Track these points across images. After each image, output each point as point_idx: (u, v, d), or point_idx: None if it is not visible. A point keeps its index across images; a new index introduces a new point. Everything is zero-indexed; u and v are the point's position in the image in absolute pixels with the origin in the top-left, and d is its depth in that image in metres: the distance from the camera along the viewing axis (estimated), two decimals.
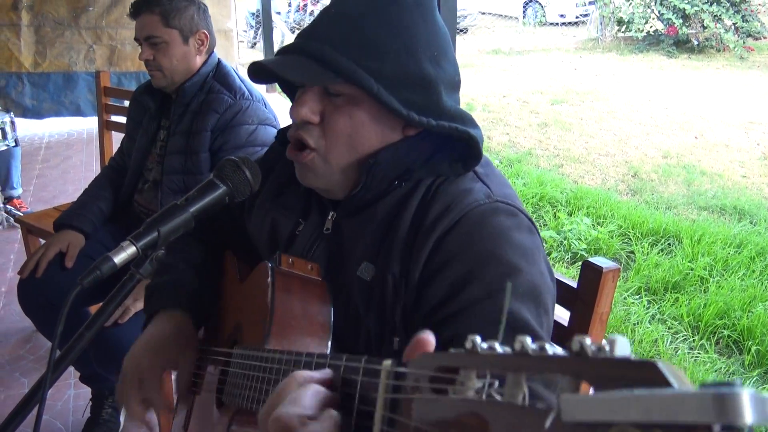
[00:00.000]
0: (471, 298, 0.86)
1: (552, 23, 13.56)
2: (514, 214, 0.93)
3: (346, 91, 0.91)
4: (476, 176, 0.97)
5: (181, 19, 1.95)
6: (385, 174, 0.95)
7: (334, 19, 0.92)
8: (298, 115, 0.94)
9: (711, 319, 3.15)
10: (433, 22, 0.94)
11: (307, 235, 1.04)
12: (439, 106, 0.93)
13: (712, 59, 10.41)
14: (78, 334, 0.78)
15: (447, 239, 0.90)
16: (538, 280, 0.90)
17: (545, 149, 6.06)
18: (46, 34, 6.02)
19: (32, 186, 4.74)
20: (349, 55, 0.88)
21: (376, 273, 0.95)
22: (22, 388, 2.54)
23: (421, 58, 0.91)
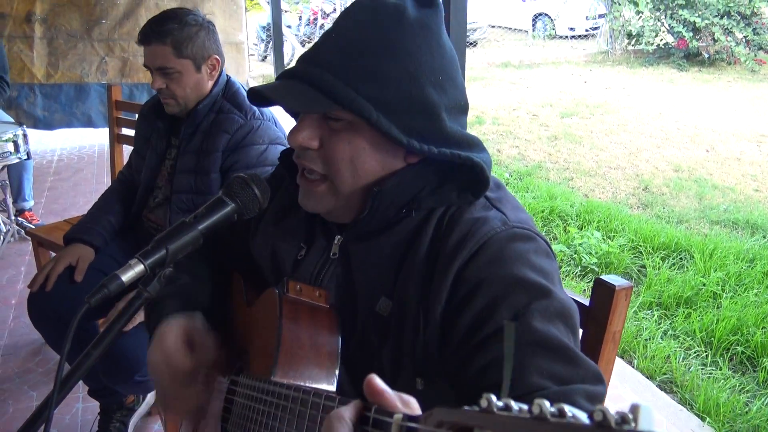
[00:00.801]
0: (499, 324, 0.85)
1: (561, 36, 13.57)
2: (531, 239, 0.93)
3: (346, 117, 0.90)
4: (489, 203, 0.95)
5: (194, 47, 1.91)
6: (391, 202, 0.94)
7: (335, 43, 0.91)
8: (296, 142, 0.92)
9: (724, 335, 3.11)
10: (438, 45, 0.92)
11: (314, 260, 1.03)
12: (442, 132, 0.91)
13: (723, 72, 10.38)
14: (85, 352, 0.78)
15: (468, 270, 0.88)
16: (563, 300, 0.89)
17: (555, 162, 6.04)
18: (58, 46, 6.09)
19: (44, 198, 4.78)
20: (349, 82, 0.87)
21: (393, 308, 0.93)
22: (31, 402, 2.54)
23: (424, 84, 0.89)
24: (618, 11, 11.42)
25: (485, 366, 0.84)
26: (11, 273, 3.59)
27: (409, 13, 0.89)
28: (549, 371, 0.81)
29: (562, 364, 0.82)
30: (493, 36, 13.81)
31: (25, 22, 5.93)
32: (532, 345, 0.83)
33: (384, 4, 0.90)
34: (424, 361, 0.92)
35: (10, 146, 3.56)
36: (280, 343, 0.86)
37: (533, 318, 0.84)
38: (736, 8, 10.33)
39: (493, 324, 0.85)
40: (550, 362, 0.82)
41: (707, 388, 2.73)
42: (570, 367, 0.83)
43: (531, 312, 0.85)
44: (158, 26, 1.88)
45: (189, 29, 1.90)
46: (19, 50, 5.91)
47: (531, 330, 0.84)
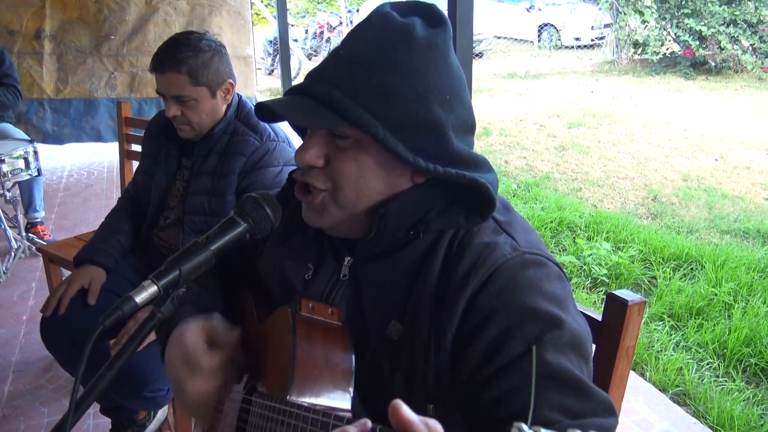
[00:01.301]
0: (512, 355, 0.84)
1: (567, 46, 13.59)
2: (543, 264, 0.92)
3: (353, 135, 0.89)
4: (499, 227, 0.95)
5: (209, 74, 1.89)
6: (397, 224, 0.93)
7: (342, 61, 0.90)
8: (303, 160, 0.92)
9: (737, 346, 3.09)
10: (446, 64, 0.91)
11: (324, 280, 1.02)
12: (449, 151, 0.90)
13: (730, 80, 10.36)
14: (99, 373, 0.78)
15: (479, 298, 0.88)
16: (575, 328, 0.88)
17: (563, 173, 6.03)
18: (68, 61, 6.15)
19: (54, 214, 4.81)
20: (356, 99, 0.87)
21: (403, 333, 0.93)
22: (42, 418, 2.54)
23: (432, 103, 0.88)
24: (623, 21, 11.43)
25: (498, 398, 0.84)
26: (22, 289, 3.61)
27: (418, 32, 0.89)
28: (561, 405, 0.81)
29: (575, 397, 0.82)
30: (498, 47, 13.85)
31: (34, 39, 6.00)
32: (544, 378, 0.82)
33: (392, 23, 0.90)
34: (435, 387, 0.92)
35: (21, 163, 3.60)
36: (295, 363, 0.86)
37: (545, 350, 0.84)
38: (742, 16, 10.32)
39: (505, 355, 0.85)
40: (563, 396, 0.82)
41: (721, 400, 2.70)
42: (582, 401, 0.82)
43: (543, 344, 0.84)
44: (173, 54, 1.85)
45: (203, 56, 1.88)
46: (28, 66, 5.97)
47: (543, 363, 0.83)
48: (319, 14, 14.24)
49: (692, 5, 10.56)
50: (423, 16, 0.92)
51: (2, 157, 3.48)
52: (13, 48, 5.80)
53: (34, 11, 5.99)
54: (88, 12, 6.15)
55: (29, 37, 5.98)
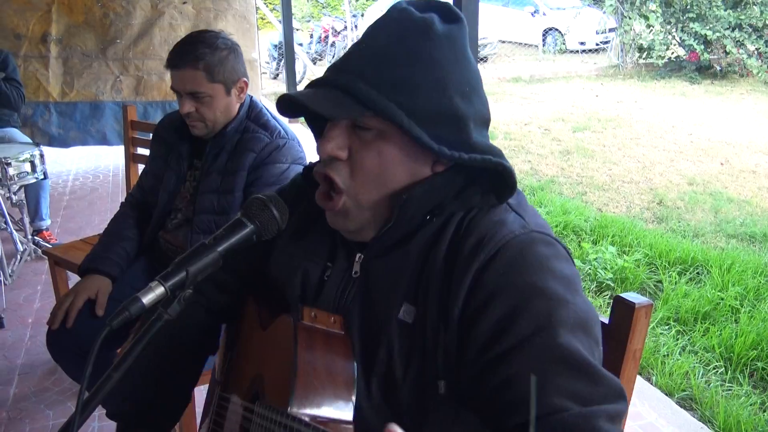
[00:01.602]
0: (520, 336, 0.84)
1: (572, 51, 13.59)
2: (551, 244, 0.92)
3: (376, 126, 0.90)
4: (509, 207, 0.95)
5: (225, 71, 1.90)
6: (417, 210, 0.93)
7: (365, 53, 0.92)
8: (325, 151, 0.92)
9: (744, 350, 3.07)
10: (464, 58, 0.93)
11: (337, 280, 1.02)
12: (469, 142, 0.92)
13: (736, 85, 10.33)
14: (105, 375, 0.78)
15: (486, 274, 0.87)
16: (584, 309, 0.88)
17: (568, 177, 6.02)
18: (74, 65, 6.18)
19: (59, 218, 4.82)
20: (380, 89, 0.88)
21: (417, 314, 0.92)
22: (47, 420, 2.54)
23: (453, 94, 0.90)
24: (628, 25, 11.42)
25: (505, 381, 0.84)
26: (28, 292, 3.61)
27: (437, 26, 0.91)
28: (570, 391, 0.80)
29: (585, 382, 0.81)
30: (503, 51, 13.85)
31: (40, 43, 6.04)
32: (553, 362, 0.82)
33: (412, 18, 0.91)
34: (445, 364, 0.91)
35: (27, 166, 3.61)
36: (296, 373, 0.86)
37: (554, 330, 0.83)
38: (747, 20, 10.30)
39: (512, 336, 0.84)
40: (572, 380, 0.81)
41: (728, 405, 2.69)
42: (592, 386, 0.81)
43: (551, 323, 0.84)
44: (190, 51, 1.86)
45: (220, 53, 1.89)
46: (34, 69, 6.00)
47: (552, 345, 0.83)
48: (324, 19, 14.26)
49: (697, 9, 10.55)
50: (439, 13, 0.94)
51: (9, 160, 3.49)
52: (19, 51, 5.84)
53: (40, 15, 6.03)
54: (94, 16, 6.18)
55: (35, 40, 6.02)
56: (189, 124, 1.97)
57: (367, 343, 0.96)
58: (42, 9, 6.02)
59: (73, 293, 2.00)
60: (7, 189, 3.63)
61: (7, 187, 3.58)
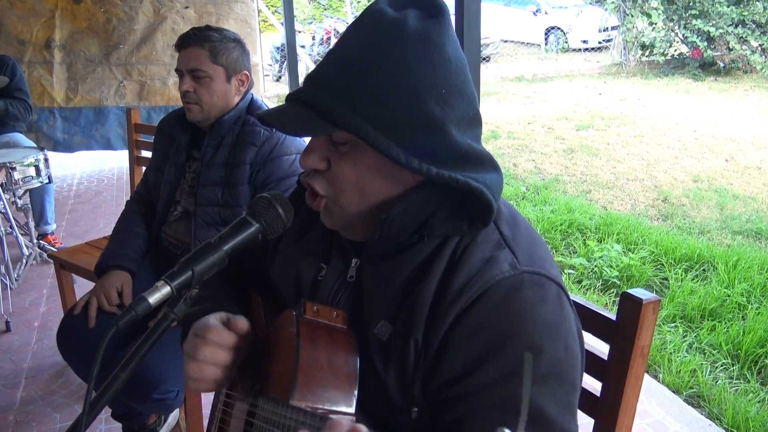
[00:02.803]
0: (485, 380, 0.83)
1: (575, 49, 13.57)
2: (540, 285, 0.88)
3: (348, 139, 0.89)
4: (503, 240, 0.91)
5: (228, 57, 1.97)
6: (401, 228, 0.92)
7: (334, 63, 0.89)
8: (305, 163, 0.93)
9: (751, 347, 3.06)
10: (441, 57, 0.87)
11: (331, 282, 1.02)
12: (448, 147, 0.88)
13: (740, 81, 10.30)
14: (113, 374, 0.78)
15: (468, 313, 0.86)
16: (561, 356, 0.86)
17: (572, 175, 6.01)
18: (77, 70, 6.23)
19: (64, 221, 4.83)
20: (348, 103, 0.85)
21: (393, 334, 0.91)
22: (54, 423, 2.55)
23: (426, 99, 0.85)
24: (631, 23, 11.40)
25: (457, 421, 0.84)
26: (33, 296, 3.62)
27: (410, 26, 0.86)
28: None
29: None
30: (506, 50, 13.84)
31: (44, 48, 6.09)
32: (511, 411, 0.81)
33: (383, 20, 0.87)
34: (421, 392, 0.91)
35: (32, 171, 3.62)
36: (298, 366, 0.86)
37: (519, 382, 0.82)
38: (750, 17, 10.27)
39: (477, 380, 0.84)
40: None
41: (736, 402, 2.68)
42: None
43: (519, 373, 0.82)
44: (199, 32, 1.96)
45: (227, 43, 1.98)
46: (39, 75, 6.06)
47: (512, 395, 0.82)
48: (326, 20, 14.28)
49: (700, 6, 10.52)
50: (419, 7, 0.89)
51: (14, 164, 3.50)
52: (23, 57, 5.89)
53: (44, 21, 6.08)
54: (97, 22, 6.22)
55: (39, 46, 6.07)
56: (185, 107, 2.02)
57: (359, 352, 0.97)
58: (45, 15, 6.07)
59: (101, 289, 2.02)
60: (12, 193, 3.64)
61: (12, 191, 3.59)
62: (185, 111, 2.04)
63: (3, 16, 5.96)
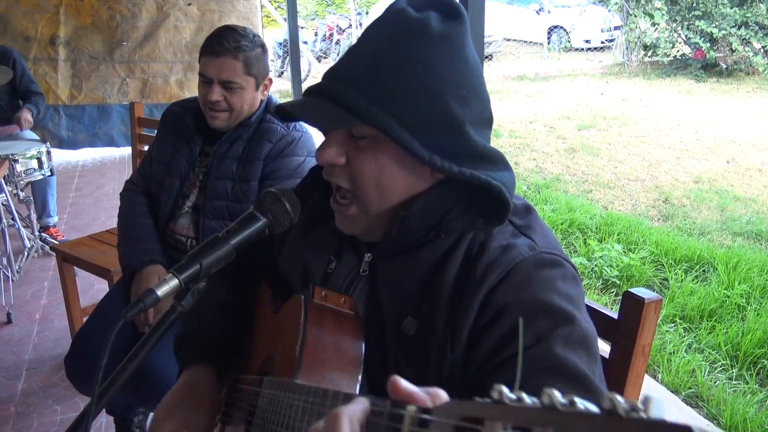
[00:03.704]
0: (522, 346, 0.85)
1: (577, 49, 13.55)
2: (559, 264, 0.92)
3: (370, 134, 0.89)
4: (517, 230, 0.95)
5: (259, 67, 1.96)
6: (419, 225, 0.93)
7: (358, 59, 0.90)
8: (322, 159, 0.93)
9: (750, 348, 3.07)
10: (461, 58, 0.90)
11: (343, 274, 1.03)
12: (466, 146, 0.90)
13: (742, 83, 10.30)
14: (121, 366, 0.78)
15: (495, 295, 0.88)
16: (587, 328, 0.88)
17: (573, 175, 6.02)
18: (81, 68, 6.28)
19: (66, 214, 4.84)
20: (371, 97, 0.86)
21: (419, 329, 0.93)
22: (55, 415, 2.56)
23: (447, 99, 0.88)
24: (634, 23, 11.39)
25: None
26: (35, 288, 3.63)
27: (433, 27, 0.88)
28: None
29: (581, 393, 0.81)
30: (508, 49, 13.83)
31: (49, 45, 6.14)
32: (551, 371, 0.82)
33: (406, 19, 0.89)
34: (448, 383, 0.92)
35: (35, 163, 3.63)
36: (304, 347, 0.87)
37: (555, 344, 0.84)
38: (753, 18, 10.27)
39: (513, 347, 0.85)
40: (567, 389, 0.81)
41: (734, 402, 2.69)
42: (587, 398, 0.81)
43: (553, 338, 0.84)
44: (233, 41, 1.90)
45: (257, 49, 1.96)
46: (44, 72, 6.12)
47: (551, 356, 0.83)
48: (328, 16, 14.27)
49: (703, 7, 10.51)
50: (439, 10, 0.91)
51: (16, 157, 3.51)
52: (29, 54, 5.96)
53: (48, 17, 6.11)
54: (101, 18, 6.25)
55: (44, 43, 6.12)
56: (210, 115, 1.97)
57: (369, 346, 0.97)
58: (50, 11, 6.11)
59: (146, 286, 1.97)
60: (15, 185, 3.65)
61: (14, 183, 3.60)
62: (208, 118, 1.99)
63: (9, 12, 6.00)
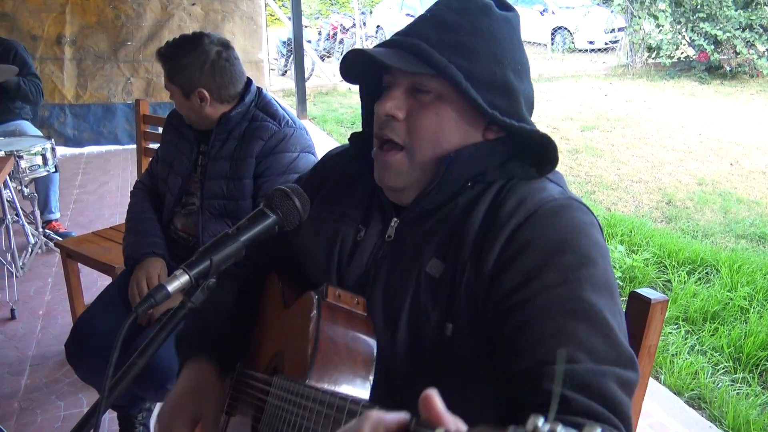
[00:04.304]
0: (545, 284, 0.85)
1: (581, 50, 13.54)
2: (588, 212, 0.95)
3: (435, 87, 0.95)
4: (548, 179, 0.99)
5: (182, 77, 1.99)
6: (461, 173, 0.97)
7: (429, 21, 0.98)
8: (383, 110, 0.97)
9: (753, 350, 3.06)
10: (518, 41, 1.00)
11: (371, 243, 1.05)
12: (519, 113, 0.97)
13: (746, 85, 10.28)
14: (131, 361, 0.79)
15: (521, 229, 0.90)
16: (611, 275, 0.90)
17: (576, 176, 6.01)
18: (87, 67, 6.37)
19: (69, 211, 4.85)
20: (442, 52, 0.93)
21: (445, 269, 0.95)
22: (58, 411, 2.56)
23: (507, 68, 0.96)
24: (638, 24, 11.37)
25: (520, 325, 0.85)
26: (38, 284, 3.64)
27: (495, 9, 0.98)
28: (586, 344, 0.81)
29: (602, 339, 0.82)
30: None
31: (55, 44, 6.25)
32: (573, 313, 0.83)
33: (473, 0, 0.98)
34: (467, 311, 0.93)
35: (39, 159, 3.64)
36: (317, 348, 0.88)
37: (580, 285, 0.85)
38: (758, 21, 10.25)
39: (537, 285, 0.86)
40: (590, 334, 0.82)
41: (737, 404, 2.68)
42: (608, 345, 0.82)
43: (579, 278, 0.85)
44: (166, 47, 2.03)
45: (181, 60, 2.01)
46: (50, 72, 6.24)
47: (576, 297, 0.84)
48: (332, 16, 14.29)
49: (707, 9, 10.49)
50: (496, 2, 1.00)
51: (20, 153, 3.52)
52: (35, 53, 6.06)
53: (55, 16, 6.20)
54: (106, 17, 6.34)
55: (51, 42, 6.22)
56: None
57: (392, 295, 0.99)
58: (56, 10, 6.20)
59: (145, 275, 2.03)
60: (19, 182, 3.65)
61: (19, 179, 3.61)
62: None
63: (16, 11, 6.08)
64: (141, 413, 2.26)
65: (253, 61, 6.73)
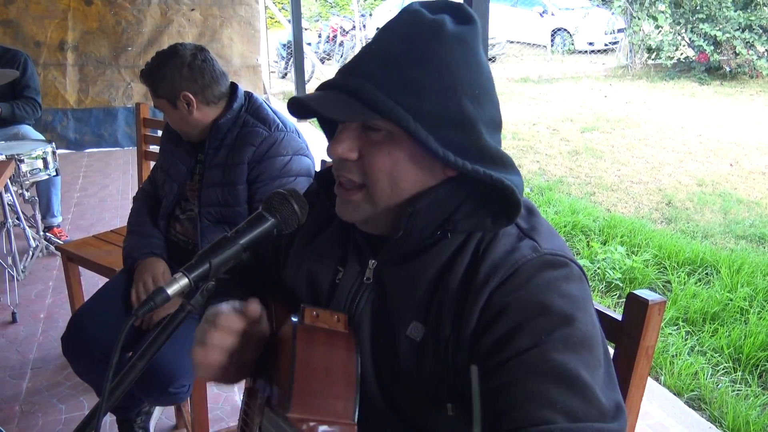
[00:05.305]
0: (518, 349, 0.84)
1: (581, 51, 13.55)
2: (563, 265, 0.92)
3: (385, 128, 0.90)
4: (522, 233, 0.95)
5: (164, 87, 1.98)
6: (425, 223, 0.94)
7: (374, 55, 0.91)
8: (335, 153, 0.93)
9: (753, 351, 3.07)
10: (475, 61, 0.91)
11: (348, 284, 1.02)
12: (478, 146, 0.90)
13: (746, 86, 10.29)
14: (131, 363, 0.79)
15: (496, 295, 0.88)
16: (590, 329, 0.88)
17: (576, 177, 6.02)
18: (88, 72, 6.53)
19: (70, 214, 4.85)
20: (388, 92, 0.87)
21: (426, 333, 0.93)
22: (59, 414, 2.57)
23: (461, 97, 0.89)
24: (637, 25, 11.39)
25: (496, 390, 0.84)
26: (39, 288, 3.65)
27: (448, 28, 0.90)
28: (562, 406, 0.80)
29: (578, 398, 0.81)
30: (512, 51, 13.84)
31: (58, 50, 6.41)
32: (548, 375, 0.82)
33: (422, 19, 0.90)
34: (456, 386, 0.92)
35: (40, 163, 3.64)
36: (293, 378, 0.86)
37: (553, 347, 0.83)
38: (757, 22, 10.26)
39: (511, 349, 0.85)
40: (565, 396, 0.80)
41: (736, 405, 2.69)
42: (585, 403, 0.81)
43: (552, 340, 0.84)
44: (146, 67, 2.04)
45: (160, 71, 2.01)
46: (53, 78, 6.40)
47: (548, 359, 0.83)
48: (332, 18, 14.30)
49: (707, 10, 10.51)
50: (452, 14, 0.92)
51: (21, 157, 3.53)
52: (39, 59, 6.19)
53: (57, 22, 6.32)
54: (107, 23, 6.47)
55: (53, 48, 6.37)
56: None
57: (378, 353, 0.97)
58: (58, 16, 6.33)
59: (149, 274, 2.05)
60: (20, 185, 3.66)
61: (19, 183, 3.62)
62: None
63: (19, 17, 6.21)
64: (140, 416, 2.27)
65: (251, 65, 6.76)
